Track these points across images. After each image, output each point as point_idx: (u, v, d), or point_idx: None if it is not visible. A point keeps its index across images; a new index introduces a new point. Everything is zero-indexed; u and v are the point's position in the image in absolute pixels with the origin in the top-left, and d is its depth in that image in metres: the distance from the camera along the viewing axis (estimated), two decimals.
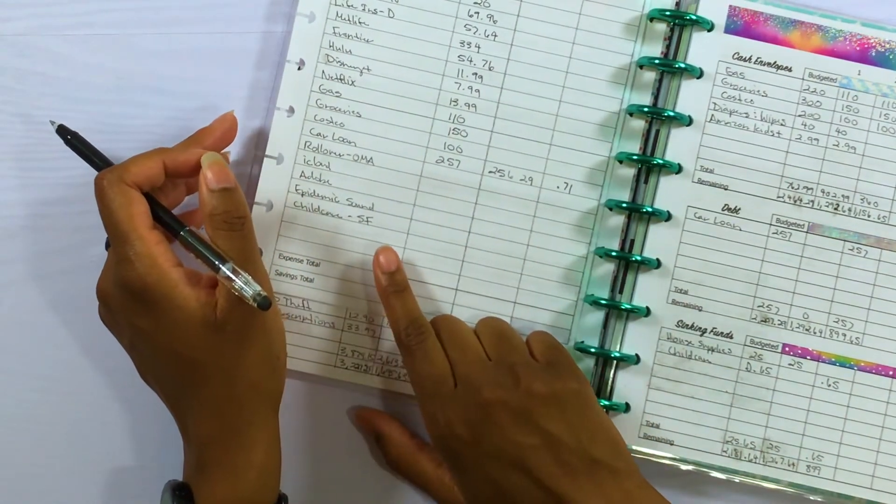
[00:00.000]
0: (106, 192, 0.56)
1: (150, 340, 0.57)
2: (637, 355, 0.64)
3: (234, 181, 0.57)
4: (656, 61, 0.64)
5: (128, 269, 0.56)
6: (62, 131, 0.61)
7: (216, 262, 0.56)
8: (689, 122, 0.64)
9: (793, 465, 0.64)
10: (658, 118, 0.64)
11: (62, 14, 0.66)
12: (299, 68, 0.65)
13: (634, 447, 0.64)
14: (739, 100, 0.65)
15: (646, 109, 0.64)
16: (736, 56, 0.65)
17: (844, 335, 0.65)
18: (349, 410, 0.67)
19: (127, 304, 0.57)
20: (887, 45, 0.65)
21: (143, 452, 0.66)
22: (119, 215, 0.56)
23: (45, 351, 0.66)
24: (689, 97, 0.65)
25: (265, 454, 0.59)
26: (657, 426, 0.64)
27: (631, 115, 0.64)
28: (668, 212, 0.64)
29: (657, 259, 0.64)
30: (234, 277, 0.55)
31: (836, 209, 0.65)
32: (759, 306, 0.65)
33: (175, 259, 0.57)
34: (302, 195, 0.65)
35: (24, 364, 0.66)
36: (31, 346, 0.66)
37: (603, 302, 0.64)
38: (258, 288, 0.55)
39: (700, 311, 0.65)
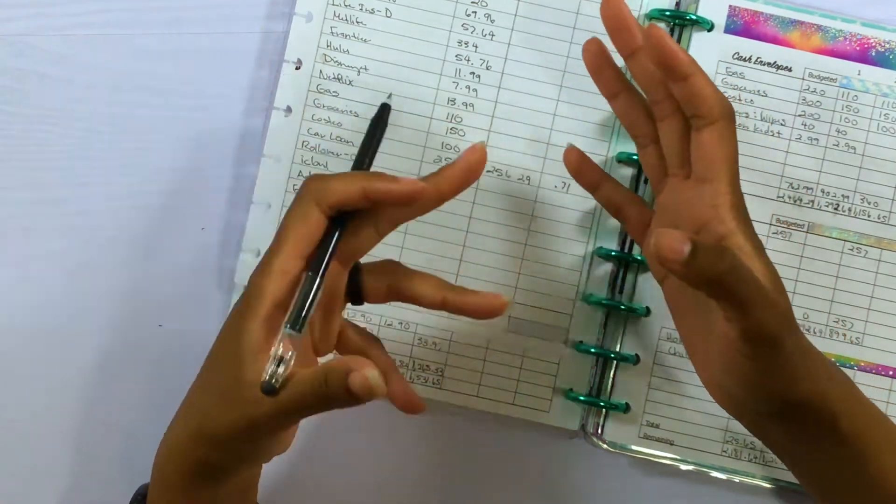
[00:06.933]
0: (296, 199, 0.52)
1: None
2: (637, 355, 0.64)
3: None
4: None
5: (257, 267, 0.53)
6: (383, 109, 0.56)
7: (287, 323, 0.50)
8: None
9: None
10: None
11: (62, 14, 0.66)
12: (297, 68, 0.65)
13: (634, 447, 0.64)
14: (739, 100, 0.65)
15: None
16: (736, 56, 0.65)
17: (844, 335, 0.64)
18: None
19: None
20: (887, 45, 0.65)
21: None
22: (284, 224, 0.52)
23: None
24: None
25: None
26: (657, 426, 0.64)
27: None
28: None
29: None
30: (278, 345, 0.50)
31: (836, 209, 0.65)
32: None
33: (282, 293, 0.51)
34: None
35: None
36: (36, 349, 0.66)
37: (603, 302, 0.64)
38: (277, 374, 0.49)
39: None
